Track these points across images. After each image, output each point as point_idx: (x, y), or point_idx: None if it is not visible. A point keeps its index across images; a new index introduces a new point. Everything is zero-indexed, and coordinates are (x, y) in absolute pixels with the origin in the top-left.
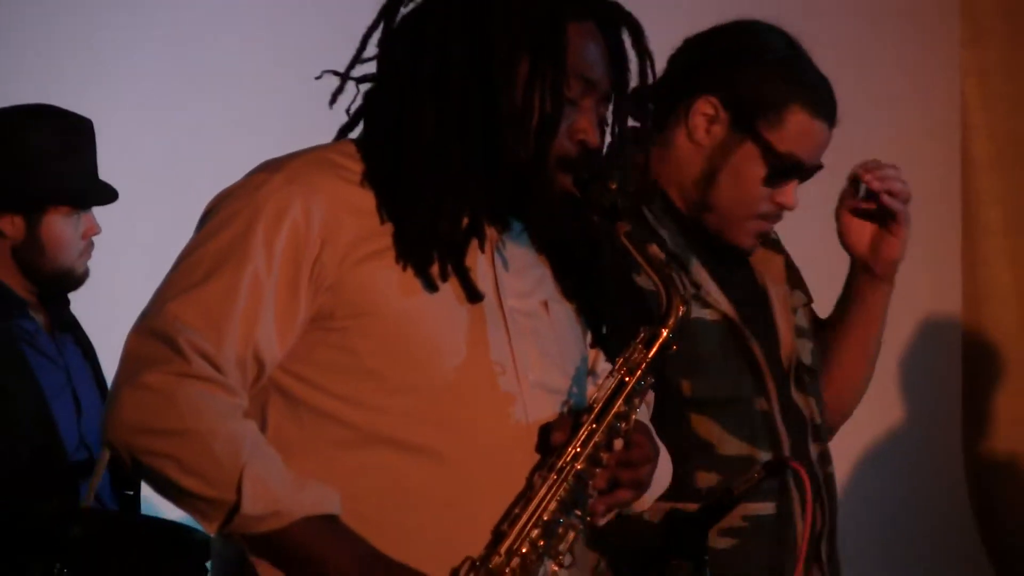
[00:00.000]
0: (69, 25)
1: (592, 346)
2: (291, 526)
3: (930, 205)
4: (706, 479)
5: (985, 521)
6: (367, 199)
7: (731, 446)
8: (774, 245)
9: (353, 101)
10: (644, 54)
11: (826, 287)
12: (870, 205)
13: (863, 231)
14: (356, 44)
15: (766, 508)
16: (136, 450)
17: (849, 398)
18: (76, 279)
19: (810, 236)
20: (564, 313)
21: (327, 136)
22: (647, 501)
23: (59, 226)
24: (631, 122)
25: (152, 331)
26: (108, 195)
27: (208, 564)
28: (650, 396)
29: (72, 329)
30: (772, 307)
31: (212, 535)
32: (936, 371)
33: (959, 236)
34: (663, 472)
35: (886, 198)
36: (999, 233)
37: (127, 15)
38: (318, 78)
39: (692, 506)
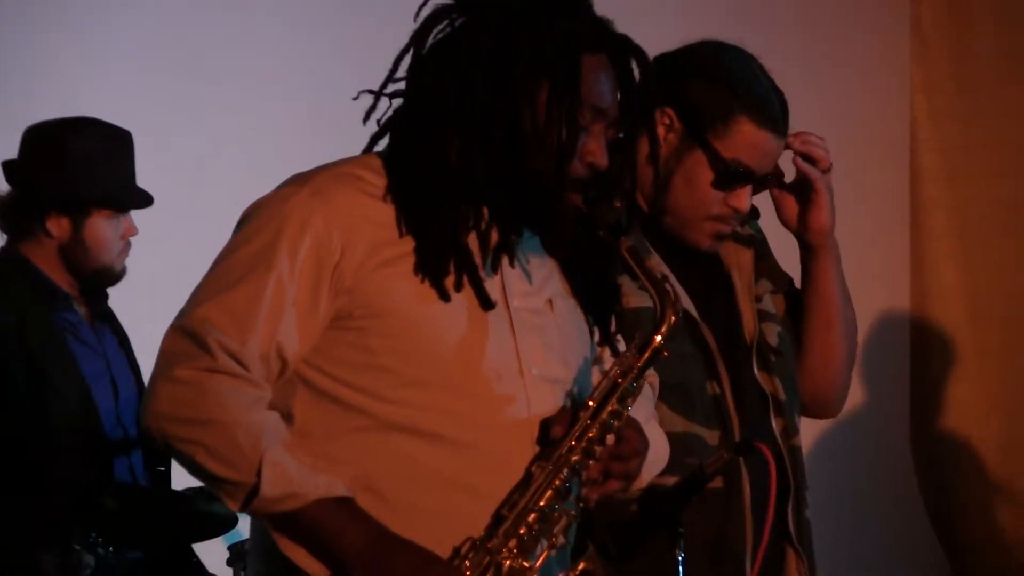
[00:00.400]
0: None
1: (599, 344)
2: (306, 507)
3: (881, 211)
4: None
5: (931, 501)
6: (386, 211)
7: (675, 424)
8: (747, 240)
9: (384, 113)
10: (650, 83)
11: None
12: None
13: (792, 206)
14: (364, 49)
15: (714, 483)
16: (169, 436)
17: (831, 379)
18: (115, 276)
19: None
20: (569, 309)
21: (341, 138)
22: (644, 481)
23: (101, 227)
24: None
25: (184, 330)
26: (145, 200)
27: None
28: (654, 378)
29: (109, 320)
30: (736, 294)
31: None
32: (886, 364)
33: (907, 240)
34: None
35: (799, 160)
36: (944, 237)
37: (141, 17)
38: (355, 98)
39: (669, 480)
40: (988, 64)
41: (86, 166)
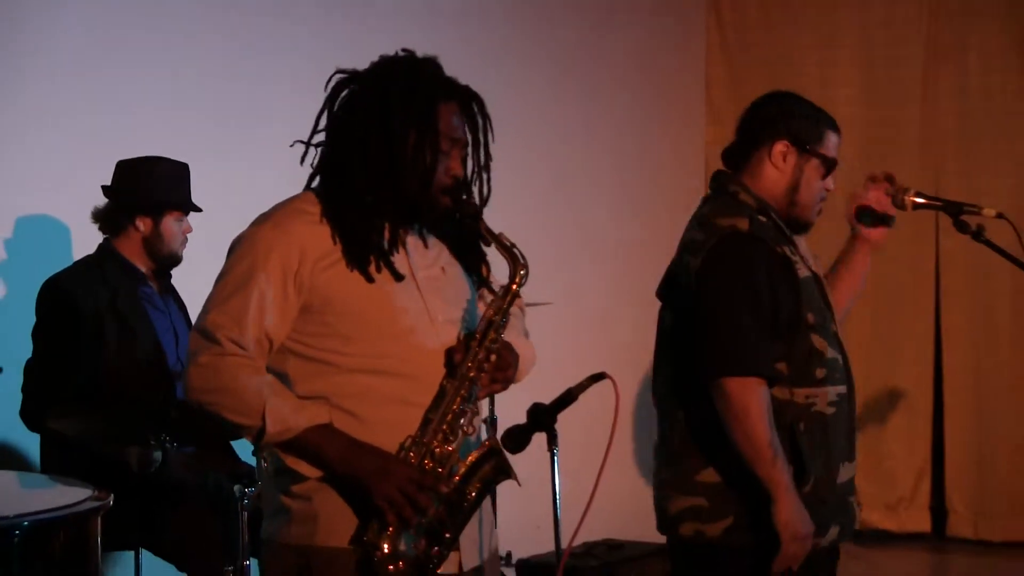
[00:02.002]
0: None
1: (479, 287)
2: (298, 435)
3: (683, 218)
4: (820, 372)
5: None
6: (323, 230)
7: (829, 352)
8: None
9: (314, 158)
10: (486, 117)
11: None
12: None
13: (878, 227)
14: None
15: (844, 388)
16: (201, 403)
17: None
18: (177, 260)
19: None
20: (457, 271)
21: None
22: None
23: (172, 225)
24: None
25: (201, 331)
26: (197, 208)
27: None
28: (523, 303)
29: (172, 292)
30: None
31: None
32: None
33: None
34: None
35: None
36: None
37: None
38: (291, 146)
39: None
40: None
41: (164, 183)
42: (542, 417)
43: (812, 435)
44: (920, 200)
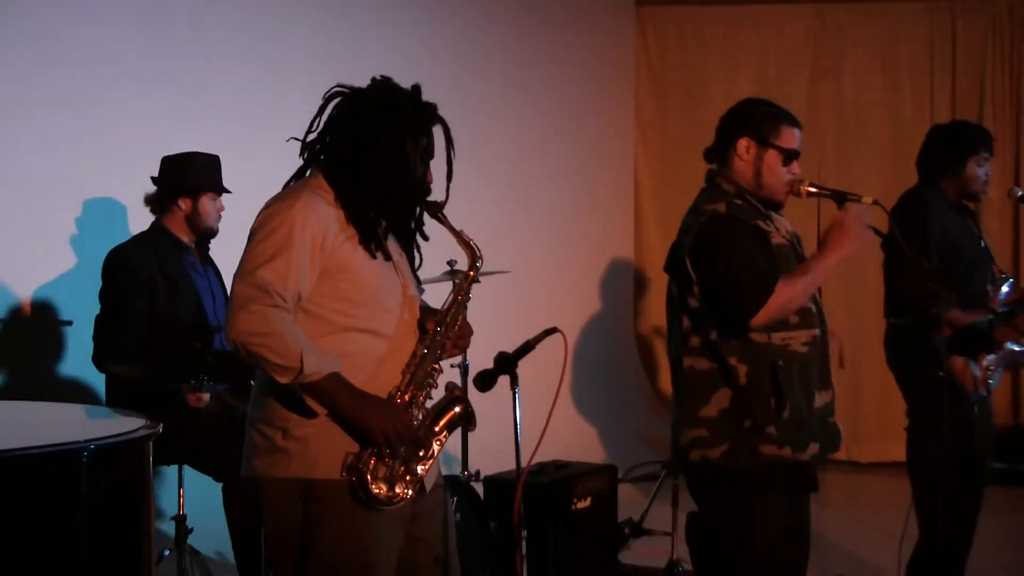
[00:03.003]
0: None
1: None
2: (320, 379)
3: (617, 204)
4: (794, 318)
5: (646, 367)
6: (338, 212)
7: (802, 304)
8: None
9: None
10: (450, 141)
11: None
12: None
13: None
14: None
15: (817, 331)
16: (247, 343)
17: None
18: (213, 233)
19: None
20: (405, 259)
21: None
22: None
23: (208, 204)
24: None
25: (253, 283)
26: (227, 190)
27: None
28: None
29: (210, 261)
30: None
31: (284, 383)
32: (621, 289)
33: (631, 216)
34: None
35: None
36: (652, 217)
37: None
38: (288, 141)
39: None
40: (676, 132)
41: (200, 170)
42: (506, 363)
43: (789, 370)
44: (812, 189)
